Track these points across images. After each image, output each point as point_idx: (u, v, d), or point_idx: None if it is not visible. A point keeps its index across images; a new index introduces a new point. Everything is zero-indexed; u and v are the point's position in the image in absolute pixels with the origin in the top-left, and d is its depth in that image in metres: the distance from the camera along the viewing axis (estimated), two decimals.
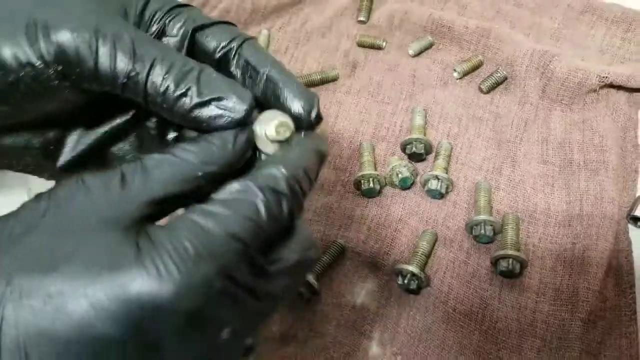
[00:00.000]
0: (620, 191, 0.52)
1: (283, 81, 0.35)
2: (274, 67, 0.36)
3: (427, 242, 0.50)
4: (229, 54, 0.37)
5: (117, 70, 0.33)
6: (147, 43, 0.34)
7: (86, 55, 0.33)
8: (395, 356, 0.47)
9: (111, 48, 0.33)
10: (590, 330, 0.46)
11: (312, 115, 0.34)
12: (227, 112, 0.33)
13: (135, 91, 0.33)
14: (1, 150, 0.38)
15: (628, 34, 0.61)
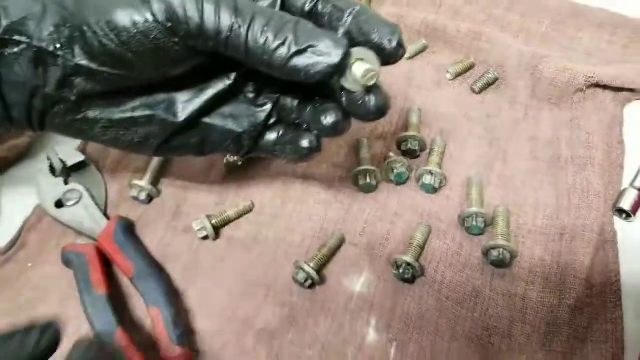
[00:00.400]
0: (606, 185, 0.53)
1: (367, 18, 0.37)
2: (359, 7, 0.38)
3: (421, 234, 0.52)
4: (318, 4, 0.39)
5: (221, 25, 0.35)
6: (247, 3, 0.36)
7: (193, 12, 0.35)
8: (391, 342, 0.48)
9: (215, 4, 0.35)
10: (577, 316, 0.47)
11: (393, 44, 0.37)
12: (323, 57, 0.35)
13: (237, 45, 0.36)
14: (110, 123, 0.41)
15: (614, 37, 0.62)
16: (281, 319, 0.49)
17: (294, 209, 0.55)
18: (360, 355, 0.47)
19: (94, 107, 0.41)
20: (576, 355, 0.46)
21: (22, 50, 0.37)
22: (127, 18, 0.36)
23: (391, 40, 0.37)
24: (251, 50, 0.35)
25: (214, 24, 0.35)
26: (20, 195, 0.59)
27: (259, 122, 0.44)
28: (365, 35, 0.37)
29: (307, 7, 0.39)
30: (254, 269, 0.52)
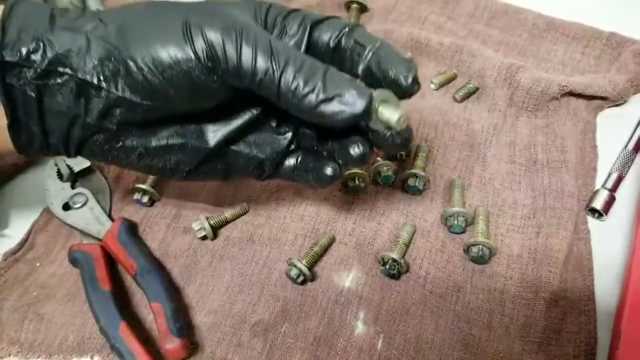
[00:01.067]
0: (579, 187, 0.55)
1: (386, 54, 0.39)
2: (379, 44, 0.40)
3: (406, 233, 0.53)
4: (342, 40, 0.41)
5: (257, 68, 0.36)
6: (280, 45, 0.37)
7: (232, 53, 0.36)
8: (378, 334, 0.49)
9: (253, 48, 0.36)
10: (552, 309, 0.49)
11: (408, 81, 0.39)
12: (347, 107, 0.36)
13: (270, 88, 0.37)
14: (146, 151, 0.42)
15: (587, 49, 0.64)
16: (275, 313, 0.50)
17: (287, 210, 0.56)
18: (349, 346, 0.48)
19: (132, 136, 0.42)
20: (552, 345, 0.47)
21: (65, 81, 0.38)
22: (172, 55, 0.37)
23: (407, 77, 0.39)
24: (282, 93, 0.37)
25: (250, 67, 0.36)
26: (30, 199, 0.60)
27: (281, 149, 0.45)
28: (384, 71, 0.39)
29: (332, 44, 0.41)
30: (249, 266, 0.53)
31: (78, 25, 0.38)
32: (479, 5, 0.69)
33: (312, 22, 0.41)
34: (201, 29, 0.37)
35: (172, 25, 0.37)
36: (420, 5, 0.70)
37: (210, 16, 0.38)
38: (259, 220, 0.56)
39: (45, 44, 0.37)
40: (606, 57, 0.63)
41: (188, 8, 0.39)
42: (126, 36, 0.37)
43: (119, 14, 0.39)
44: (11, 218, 0.60)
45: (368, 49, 0.40)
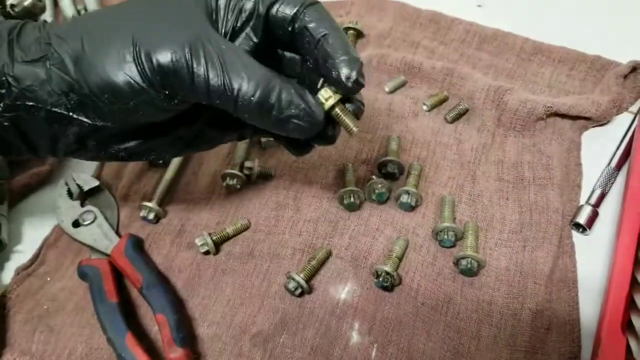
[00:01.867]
0: (564, 202, 0.57)
1: (332, 50, 0.38)
2: (328, 34, 0.39)
3: (399, 247, 0.55)
4: (296, 23, 0.40)
5: (211, 91, 0.37)
6: (234, 61, 0.37)
7: (185, 78, 0.36)
8: (372, 344, 0.51)
9: (205, 71, 0.36)
10: (538, 318, 0.51)
11: (350, 82, 0.39)
12: (304, 124, 0.38)
13: (227, 106, 0.38)
14: (127, 152, 0.44)
15: (572, 72, 0.67)
16: (274, 324, 0.53)
17: (285, 226, 0.59)
18: (345, 355, 0.51)
19: (114, 144, 0.43)
20: (538, 353, 0.49)
21: (36, 112, 0.39)
22: (130, 89, 0.37)
23: (349, 79, 0.39)
24: (240, 112, 0.38)
25: (204, 90, 0.37)
26: (41, 217, 0.63)
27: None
28: (328, 71, 0.39)
29: (288, 26, 0.40)
30: (249, 280, 0.56)
31: (36, 56, 0.38)
32: (470, 30, 0.72)
33: (269, 1, 0.40)
34: (150, 55, 0.36)
35: (124, 50, 0.37)
36: (413, 31, 0.74)
37: (159, 32, 0.37)
38: (259, 235, 0.58)
39: (8, 81, 0.38)
40: (590, 79, 0.66)
41: (137, 16, 0.39)
42: (82, 69, 0.38)
43: (72, 34, 0.39)
44: (24, 234, 0.62)
45: (317, 39, 0.39)
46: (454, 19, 0.74)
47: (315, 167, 0.62)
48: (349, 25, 0.73)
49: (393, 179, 0.60)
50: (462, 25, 0.73)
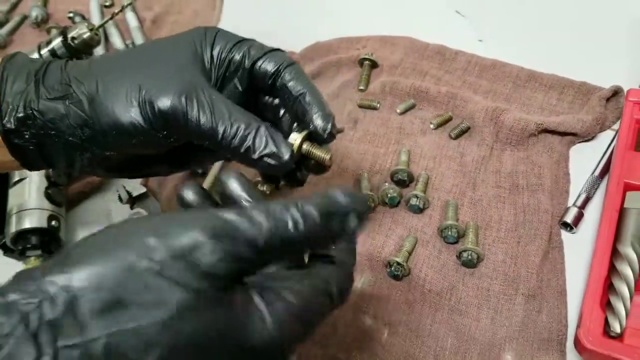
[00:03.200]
0: (554, 205, 0.65)
1: (309, 107, 0.45)
2: (305, 92, 0.46)
3: (409, 243, 0.63)
4: (277, 79, 0.47)
5: (201, 133, 0.43)
6: (221, 108, 0.43)
7: (181, 121, 0.43)
8: (385, 326, 0.58)
9: (197, 117, 0.43)
10: (530, 302, 0.58)
11: (325, 134, 0.45)
12: (275, 162, 0.43)
13: (215, 146, 0.44)
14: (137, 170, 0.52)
15: (562, 96, 0.76)
16: None
17: None
18: (360, 335, 0.58)
19: (118, 168, 0.51)
20: (529, 331, 0.56)
21: (56, 139, 0.45)
22: (134, 129, 0.43)
23: (324, 131, 0.45)
24: (224, 150, 0.44)
25: (196, 132, 0.43)
26: (95, 219, 0.72)
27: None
28: (306, 123, 0.46)
29: (270, 81, 0.47)
30: None
31: (58, 94, 0.44)
32: (471, 61, 0.82)
33: (254, 58, 0.47)
34: (153, 102, 0.43)
35: (131, 96, 0.43)
36: (421, 62, 0.83)
37: (161, 82, 0.43)
38: None
39: (34, 114, 0.44)
40: (578, 102, 0.75)
41: (143, 66, 0.45)
42: (95, 108, 0.44)
43: (88, 77, 0.45)
44: (78, 235, 0.71)
45: (295, 96, 0.46)
46: (458, 51, 0.83)
47: (336, 176, 0.71)
48: (365, 57, 0.83)
49: (403, 186, 0.68)
50: (465, 56, 0.82)
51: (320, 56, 0.87)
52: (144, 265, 0.28)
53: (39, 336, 0.25)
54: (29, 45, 0.85)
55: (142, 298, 0.27)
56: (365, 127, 0.76)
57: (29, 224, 0.65)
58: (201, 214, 0.30)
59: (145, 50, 0.48)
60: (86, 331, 0.26)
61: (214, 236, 0.29)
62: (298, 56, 0.87)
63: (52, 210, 0.68)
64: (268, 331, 0.30)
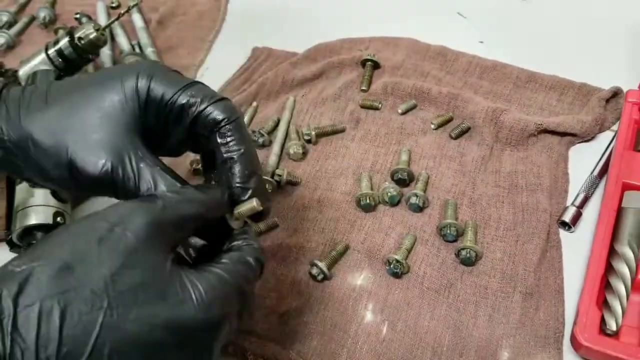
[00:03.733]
0: (553, 205, 0.65)
1: (232, 174, 0.45)
2: (234, 158, 0.45)
3: (408, 241, 0.64)
4: (217, 133, 0.46)
5: (128, 197, 0.42)
6: (146, 177, 0.43)
7: (107, 186, 0.43)
8: (384, 322, 0.59)
9: (122, 186, 0.43)
10: (528, 300, 0.58)
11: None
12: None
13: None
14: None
15: (562, 97, 0.76)
16: (299, 305, 0.61)
17: (310, 224, 0.68)
18: (359, 330, 0.58)
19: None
20: (527, 328, 0.57)
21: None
22: (62, 184, 0.45)
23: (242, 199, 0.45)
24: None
25: (121, 195, 0.43)
26: None
27: None
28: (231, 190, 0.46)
29: (210, 135, 0.46)
30: (279, 269, 0.64)
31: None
32: (472, 62, 0.82)
33: (199, 106, 0.46)
34: (81, 168, 0.43)
35: (60, 157, 0.43)
36: (423, 63, 0.84)
37: (89, 146, 0.43)
38: (287, 232, 0.67)
39: None
40: (578, 103, 0.75)
41: (71, 123, 0.44)
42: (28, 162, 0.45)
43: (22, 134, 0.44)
44: None
45: (223, 159, 0.46)
46: (459, 52, 0.84)
47: (336, 175, 0.72)
48: (367, 58, 0.83)
49: (403, 185, 0.69)
50: (466, 57, 0.83)
51: (323, 57, 0.87)
52: (85, 240, 0.34)
53: (2, 300, 0.31)
54: (36, 45, 0.86)
55: (85, 263, 0.33)
56: (366, 127, 0.77)
57: (35, 220, 0.66)
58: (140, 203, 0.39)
59: (77, 96, 0.46)
60: (42, 292, 0.31)
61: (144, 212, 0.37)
62: (301, 57, 0.88)
63: (58, 207, 0.69)
64: (202, 299, 0.36)
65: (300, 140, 0.75)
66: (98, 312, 0.32)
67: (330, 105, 0.80)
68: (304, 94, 0.83)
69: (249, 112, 0.81)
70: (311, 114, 0.80)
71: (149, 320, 0.34)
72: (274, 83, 0.84)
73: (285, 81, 0.84)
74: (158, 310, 0.34)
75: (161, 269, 0.36)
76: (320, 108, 0.80)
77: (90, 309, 0.32)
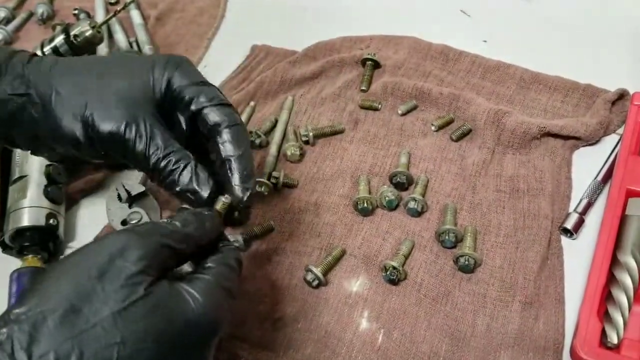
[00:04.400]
0: (555, 211, 0.63)
1: (232, 174, 0.48)
2: (232, 159, 0.48)
3: (406, 247, 0.62)
4: (216, 134, 0.49)
5: (137, 160, 0.47)
6: (157, 141, 0.46)
7: (119, 146, 0.46)
8: (379, 330, 0.58)
9: (132, 147, 0.46)
10: (527, 309, 0.57)
11: (243, 201, 0.48)
12: (193, 198, 0.47)
13: (146, 173, 0.49)
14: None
15: (566, 98, 0.74)
16: (294, 311, 0.60)
17: (306, 228, 0.66)
18: (355, 339, 0.57)
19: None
20: (526, 339, 0.55)
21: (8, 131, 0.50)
22: (76, 143, 0.47)
23: (240, 202, 0.48)
24: (152, 178, 0.49)
25: (131, 157, 0.47)
26: (93, 218, 0.72)
27: None
28: (226, 189, 0.48)
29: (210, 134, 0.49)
30: (274, 273, 0.63)
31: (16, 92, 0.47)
32: (475, 62, 0.80)
33: (200, 105, 0.49)
34: (96, 125, 0.46)
35: (78, 111, 0.46)
36: (425, 62, 0.82)
37: (107, 105, 0.46)
38: (283, 236, 0.66)
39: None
40: (583, 105, 0.73)
41: (94, 83, 0.47)
42: (45, 114, 0.47)
43: (46, 82, 0.47)
44: (77, 232, 0.71)
45: (221, 159, 0.49)
46: (462, 52, 0.82)
47: (334, 178, 0.71)
48: (367, 57, 0.82)
49: (402, 189, 0.67)
50: (469, 57, 0.81)
51: (322, 55, 0.86)
52: (87, 276, 0.35)
53: (15, 353, 0.31)
54: (34, 41, 0.85)
55: (91, 301, 0.33)
56: (366, 128, 0.75)
57: (27, 222, 0.66)
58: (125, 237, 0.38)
59: (103, 67, 0.50)
60: (54, 339, 0.31)
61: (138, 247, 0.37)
62: (300, 55, 0.86)
63: (51, 209, 0.68)
64: (198, 302, 0.38)
65: (298, 142, 0.74)
66: (112, 348, 0.32)
67: (329, 106, 0.79)
68: (303, 93, 0.81)
69: (247, 111, 0.80)
70: (310, 114, 0.79)
71: (159, 344, 0.35)
72: (273, 82, 0.82)
73: (283, 80, 0.82)
74: (166, 331, 0.36)
75: (162, 293, 0.37)
76: (319, 108, 0.79)
77: (104, 347, 0.32)
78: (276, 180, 0.70)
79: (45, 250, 0.67)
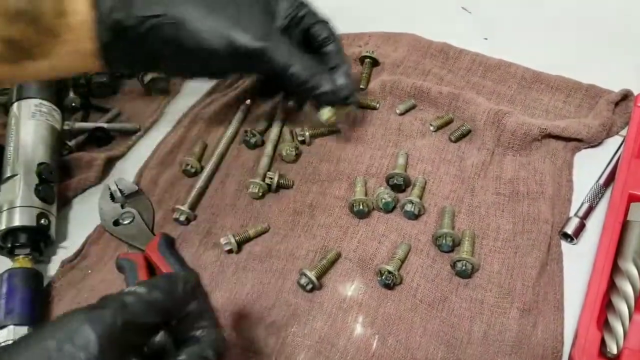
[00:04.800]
0: (555, 215, 0.62)
1: (339, 80, 0.61)
2: (339, 65, 0.62)
3: (402, 251, 0.61)
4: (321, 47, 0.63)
5: (275, 71, 0.57)
6: (294, 54, 0.58)
7: (263, 59, 0.56)
8: (374, 336, 0.56)
9: (273, 57, 0.56)
10: (525, 316, 0.55)
11: (342, 95, 0.62)
12: (330, 99, 0.62)
13: (286, 82, 0.59)
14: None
15: (569, 99, 0.73)
16: (287, 315, 0.58)
17: (301, 230, 0.65)
18: (349, 344, 0.56)
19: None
20: (524, 348, 0.54)
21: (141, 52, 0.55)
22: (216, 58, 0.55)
23: (348, 100, 0.63)
24: (293, 86, 0.59)
25: (270, 70, 0.57)
26: (85, 217, 0.71)
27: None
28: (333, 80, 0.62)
29: (318, 46, 0.64)
30: (267, 276, 0.62)
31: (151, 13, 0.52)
32: (475, 60, 0.79)
33: (309, 22, 0.62)
34: (238, 39, 0.54)
35: (221, 27, 0.53)
36: (424, 60, 0.81)
37: (248, 21, 0.55)
38: (277, 238, 0.65)
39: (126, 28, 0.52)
40: (586, 105, 0.72)
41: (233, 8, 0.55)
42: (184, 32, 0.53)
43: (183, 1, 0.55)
44: (69, 232, 0.70)
45: (332, 64, 0.63)
46: (462, 50, 0.80)
47: (330, 179, 0.69)
48: (366, 54, 0.80)
49: (399, 191, 0.66)
50: (469, 55, 0.79)
51: None
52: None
53: None
54: None
55: None
56: (363, 128, 0.74)
57: (18, 222, 0.65)
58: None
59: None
60: None
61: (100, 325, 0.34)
62: None
63: (42, 208, 0.67)
64: None
65: (293, 142, 0.73)
66: None
67: None
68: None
69: (242, 110, 0.79)
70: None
71: None
72: None
73: None
74: None
75: None
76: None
77: None
78: (271, 181, 0.68)
79: (36, 250, 0.66)
